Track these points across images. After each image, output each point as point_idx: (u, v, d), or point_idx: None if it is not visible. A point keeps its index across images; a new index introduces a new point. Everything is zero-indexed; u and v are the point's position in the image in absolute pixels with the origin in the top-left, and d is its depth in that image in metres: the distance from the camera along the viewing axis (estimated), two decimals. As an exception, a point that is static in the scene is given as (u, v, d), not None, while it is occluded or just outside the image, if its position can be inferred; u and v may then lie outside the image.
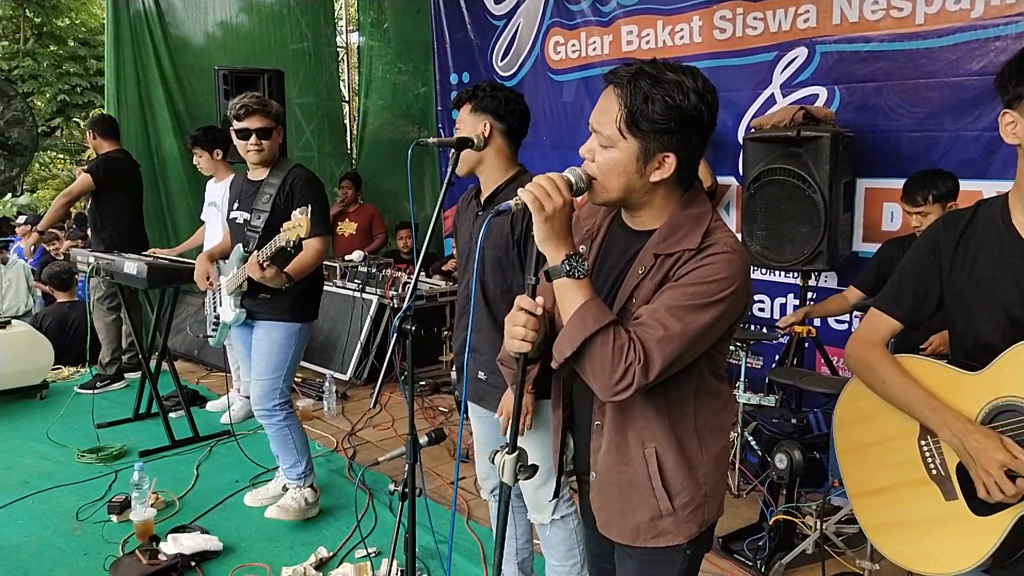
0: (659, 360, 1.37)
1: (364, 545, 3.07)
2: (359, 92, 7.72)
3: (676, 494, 1.53)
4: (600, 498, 1.62)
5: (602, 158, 1.45)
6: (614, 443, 1.55)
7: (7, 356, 4.89)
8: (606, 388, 1.40)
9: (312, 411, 4.79)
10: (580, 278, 1.42)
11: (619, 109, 1.41)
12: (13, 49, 15.04)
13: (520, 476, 1.50)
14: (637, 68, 1.42)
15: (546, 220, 1.40)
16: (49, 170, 15.42)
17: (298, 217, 2.81)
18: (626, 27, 5.39)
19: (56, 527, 3.32)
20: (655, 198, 1.50)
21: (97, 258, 4.33)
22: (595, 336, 1.38)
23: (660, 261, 1.47)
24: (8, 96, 5.44)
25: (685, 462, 1.53)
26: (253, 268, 2.94)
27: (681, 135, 1.42)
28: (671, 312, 1.39)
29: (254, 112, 3.12)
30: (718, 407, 1.58)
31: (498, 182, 2.37)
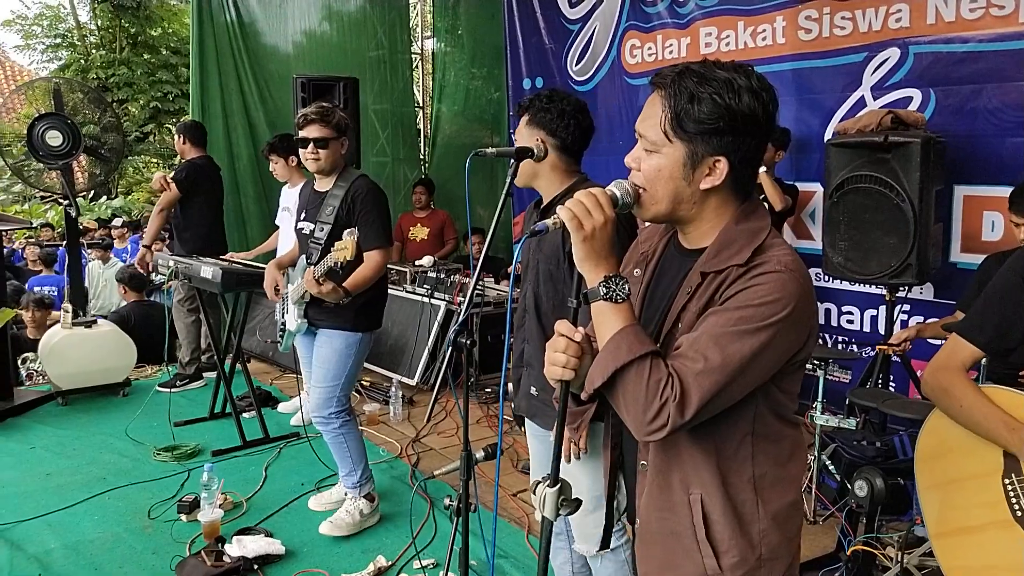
0: (696, 397, 1.21)
1: (419, 557, 3.04)
2: (432, 98, 7.78)
3: (723, 552, 1.33)
4: (642, 547, 1.46)
5: (647, 165, 1.33)
6: (656, 486, 1.39)
7: (93, 354, 5.11)
8: (639, 426, 1.26)
9: (378, 415, 4.82)
10: (619, 302, 1.29)
11: (663, 111, 1.30)
12: (110, 58, 15.88)
13: (562, 511, 1.40)
14: (683, 67, 1.30)
15: (585, 239, 1.29)
16: (142, 174, 16.18)
17: (345, 239, 2.81)
18: (705, 29, 5.23)
19: (128, 524, 3.42)
20: (706, 210, 1.35)
21: (176, 262, 4.47)
22: (628, 367, 1.24)
23: (707, 281, 1.31)
24: (103, 104, 5.69)
25: (735, 515, 1.33)
26: (310, 283, 2.98)
27: (733, 137, 1.28)
28: (712, 340, 1.23)
29: (313, 122, 3.15)
30: (783, 456, 1.37)
31: (555, 192, 2.30)
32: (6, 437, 4.47)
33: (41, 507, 3.55)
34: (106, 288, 7.57)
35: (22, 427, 4.65)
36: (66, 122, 5.06)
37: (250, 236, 6.44)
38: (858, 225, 3.82)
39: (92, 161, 5.61)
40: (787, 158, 4.63)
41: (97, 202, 13.93)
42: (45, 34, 17.48)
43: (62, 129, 5.03)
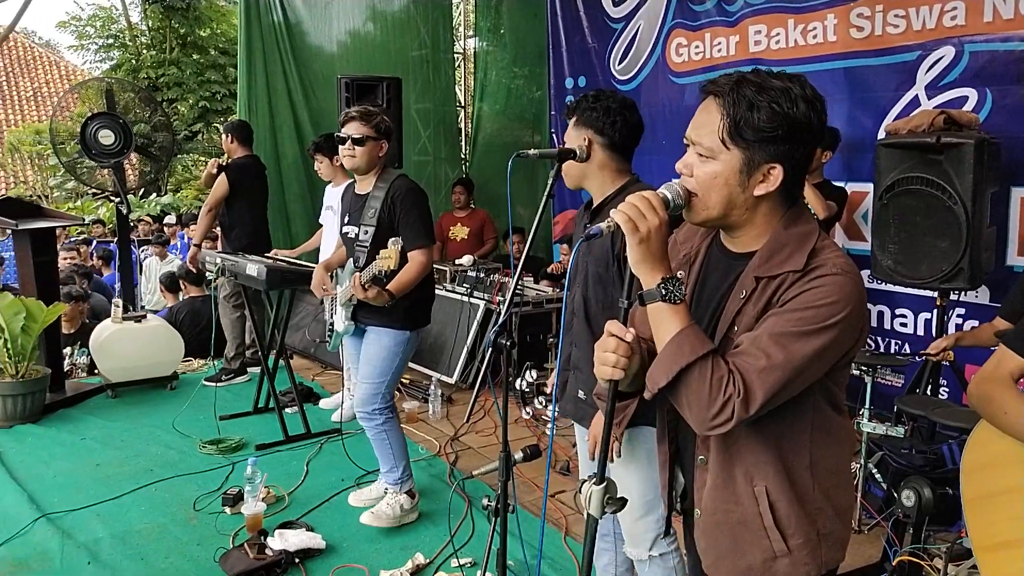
0: (760, 392, 1.27)
1: (457, 556, 3.05)
2: (474, 97, 7.81)
3: (791, 534, 1.41)
4: (707, 537, 1.52)
5: (702, 171, 1.36)
6: (720, 480, 1.45)
7: (142, 348, 5.24)
8: (702, 422, 1.31)
9: (417, 413, 4.85)
10: (677, 303, 1.33)
11: (721, 118, 1.33)
12: (160, 58, 16.27)
13: (608, 509, 1.42)
14: (739, 76, 1.34)
15: (640, 242, 1.33)
16: (191, 172, 16.55)
17: (390, 248, 2.84)
18: (754, 27, 5.16)
19: (174, 515, 3.50)
20: (757, 215, 1.39)
21: (223, 259, 4.56)
22: (692, 366, 1.29)
23: (763, 285, 1.36)
24: (153, 103, 5.84)
25: (798, 500, 1.41)
26: (356, 289, 3.01)
27: (789, 145, 1.32)
28: (774, 340, 1.29)
29: (353, 119, 3.20)
30: (837, 445, 1.45)
31: (605, 194, 2.27)
32: (58, 428, 4.61)
33: (91, 497, 3.65)
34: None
35: (73, 418, 4.79)
36: (118, 121, 5.20)
37: (293, 234, 6.54)
38: (908, 228, 3.72)
39: (143, 159, 5.76)
40: (839, 158, 4.54)
41: (147, 199, 14.28)
42: (98, 35, 18.02)
43: (114, 128, 5.17)
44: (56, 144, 5.64)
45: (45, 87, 20.18)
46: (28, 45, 21.50)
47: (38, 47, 22.05)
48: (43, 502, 3.58)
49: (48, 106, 18.94)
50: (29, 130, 16.64)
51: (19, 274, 5.39)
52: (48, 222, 5.15)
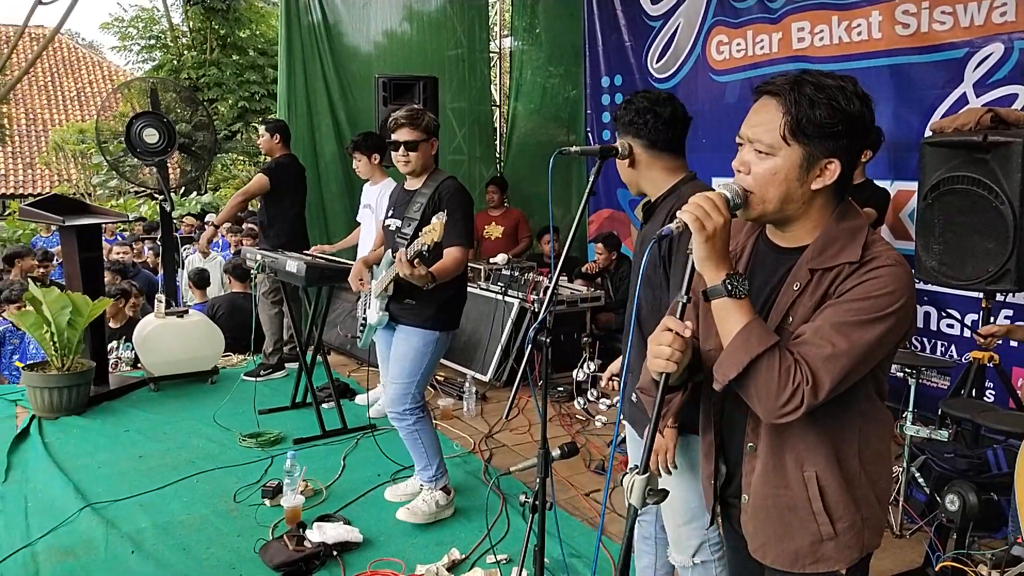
0: (827, 379, 1.34)
1: (494, 552, 3.07)
2: (509, 96, 7.82)
3: (838, 518, 1.48)
4: (754, 522, 1.56)
5: (760, 168, 1.42)
6: (770, 465, 1.50)
7: (184, 343, 5.34)
8: (772, 411, 1.37)
9: (452, 410, 4.88)
10: (741, 298, 1.40)
11: (782, 116, 1.39)
12: (201, 59, 16.55)
13: (649, 500, 1.44)
14: (796, 76, 1.41)
15: (707, 240, 1.39)
16: (230, 171, 16.83)
17: (434, 222, 2.86)
18: (797, 24, 5.10)
19: (215, 507, 3.56)
20: (812, 209, 1.45)
21: (263, 255, 4.63)
22: (760, 357, 1.35)
23: (818, 277, 1.42)
24: (195, 103, 5.94)
25: (846, 485, 1.47)
26: (402, 264, 2.99)
27: (847, 140, 1.40)
28: (837, 329, 1.36)
29: (403, 125, 3.24)
30: (882, 430, 1.53)
31: (659, 192, 2.24)
32: (102, 420, 4.72)
33: (134, 487, 3.74)
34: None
35: (117, 411, 4.90)
36: (162, 120, 5.30)
37: (331, 231, 6.60)
38: (954, 228, 3.65)
39: (184, 158, 5.86)
40: (884, 157, 4.48)
41: (187, 197, 14.54)
42: (140, 36, 18.39)
43: (158, 127, 5.27)
44: (101, 143, 5.77)
45: (88, 87, 20.67)
46: (72, 46, 22.05)
47: (82, 48, 22.60)
48: (88, 492, 3.67)
49: (91, 106, 19.42)
50: (73, 129, 17.04)
51: (65, 269, 5.52)
52: (93, 219, 5.28)
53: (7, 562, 3.05)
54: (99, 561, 3.08)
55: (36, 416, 4.67)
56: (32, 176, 18.20)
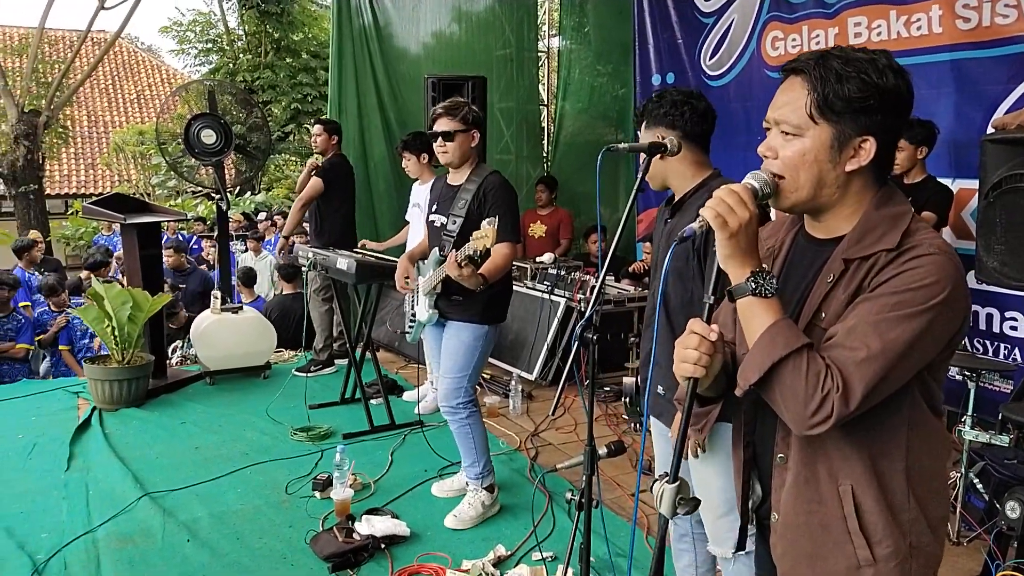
0: (860, 386, 1.20)
1: (540, 549, 3.08)
2: (557, 95, 7.82)
3: (876, 542, 1.31)
4: (784, 542, 1.42)
5: (789, 151, 1.32)
6: (802, 478, 1.37)
7: (238, 338, 5.48)
8: (801, 420, 1.24)
9: (498, 408, 4.90)
10: (768, 296, 1.29)
11: (808, 94, 1.29)
12: (255, 62, 16.93)
13: (680, 510, 1.38)
14: (822, 51, 1.31)
15: (730, 237, 1.29)
16: (282, 171, 17.17)
17: (485, 228, 2.87)
18: (853, 19, 4.99)
19: (268, 498, 3.65)
20: (848, 194, 1.33)
21: (315, 254, 4.72)
22: (785, 360, 1.24)
23: (853, 268, 1.29)
24: (250, 105, 6.09)
25: (888, 505, 1.31)
26: (451, 267, 3.02)
27: (881, 115, 1.28)
28: (870, 328, 1.22)
29: (440, 116, 3.27)
30: (935, 446, 1.35)
31: (687, 188, 2.26)
32: (160, 412, 4.87)
33: (190, 478, 3.85)
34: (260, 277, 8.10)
35: (174, 403, 5.05)
36: (219, 121, 5.45)
37: (380, 230, 6.70)
38: (1016, 228, 3.52)
39: (240, 158, 6.02)
40: (945, 154, 4.35)
41: (242, 197, 14.89)
42: (198, 39, 18.89)
43: (216, 128, 5.42)
44: (160, 144, 5.96)
45: (148, 90, 21.31)
46: (132, 50, 22.75)
47: (141, 52, 23.30)
48: (146, 481, 3.79)
49: (150, 109, 20.00)
50: (133, 131, 17.59)
51: (126, 265, 5.72)
52: (153, 217, 5.45)
53: (70, 547, 3.17)
54: (156, 548, 3.19)
55: (97, 407, 4.84)
56: (93, 176, 18.83)
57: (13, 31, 18.03)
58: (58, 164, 18.01)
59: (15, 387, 5.55)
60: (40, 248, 8.21)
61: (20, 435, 4.46)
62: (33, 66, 13.12)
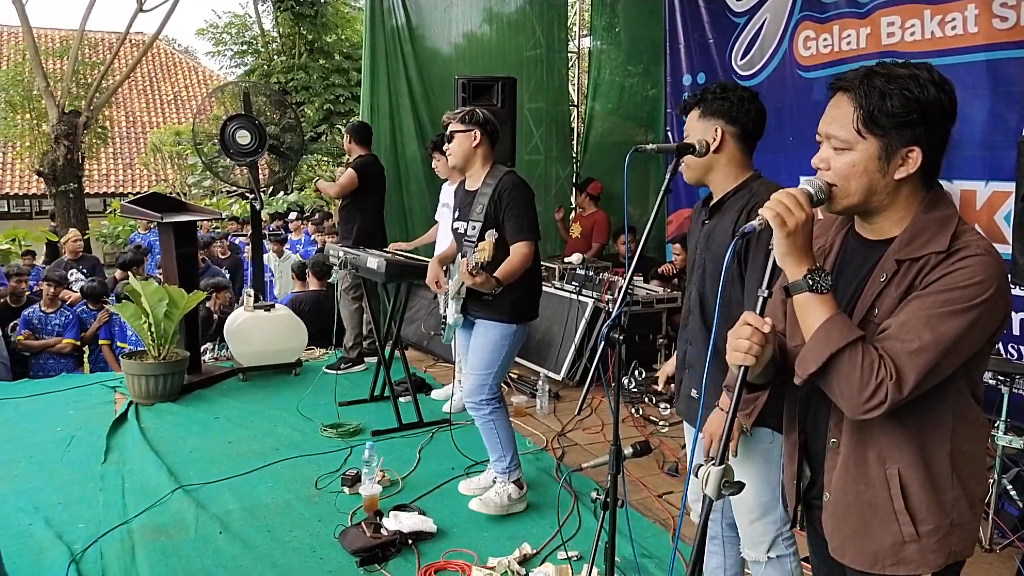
0: (912, 374, 1.32)
1: (565, 548, 3.09)
2: (587, 96, 7.82)
3: (921, 520, 1.43)
4: (833, 520, 1.53)
5: (840, 163, 1.43)
6: (852, 461, 1.48)
7: (270, 336, 5.57)
8: (856, 406, 1.36)
9: (525, 408, 4.92)
10: (823, 292, 1.39)
11: (854, 111, 1.40)
12: (289, 63, 17.14)
13: (724, 492, 1.43)
14: (866, 70, 1.42)
15: (788, 235, 1.39)
16: (315, 171, 17.35)
17: (484, 242, 2.94)
18: (886, 18, 4.93)
19: (298, 492, 3.71)
20: (898, 200, 1.44)
21: (346, 252, 4.78)
22: (842, 351, 1.34)
23: (905, 268, 1.40)
24: (284, 106, 6.18)
25: (932, 486, 1.43)
26: (464, 275, 3.09)
27: (925, 127, 1.38)
28: (922, 322, 1.33)
29: (448, 121, 3.36)
30: (977, 432, 1.48)
31: (728, 188, 2.21)
32: (194, 407, 4.97)
33: (223, 471, 3.92)
34: (281, 278, 8.23)
35: (208, 399, 5.15)
36: (254, 122, 5.54)
37: (410, 229, 6.75)
38: (1054, 230, 3.46)
39: (273, 159, 6.11)
40: (979, 157, 4.29)
41: (275, 197, 15.08)
42: (233, 41, 19.16)
43: (250, 129, 5.51)
44: (197, 144, 6.07)
45: (184, 91, 21.69)
46: (169, 52, 23.17)
47: (178, 54, 23.72)
48: (180, 474, 3.87)
49: (187, 109, 20.36)
50: (170, 131, 17.91)
51: (163, 263, 5.83)
52: (190, 216, 5.56)
53: (106, 537, 3.25)
54: (189, 540, 3.25)
55: (133, 402, 4.95)
56: (131, 176, 19.22)
57: (54, 33, 18.46)
58: (97, 164, 18.39)
59: (54, 381, 5.70)
60: (80, 243, 8.43)
61: (59, 428, 4.58)
62: (73, 68, 13.41)
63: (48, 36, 18.16)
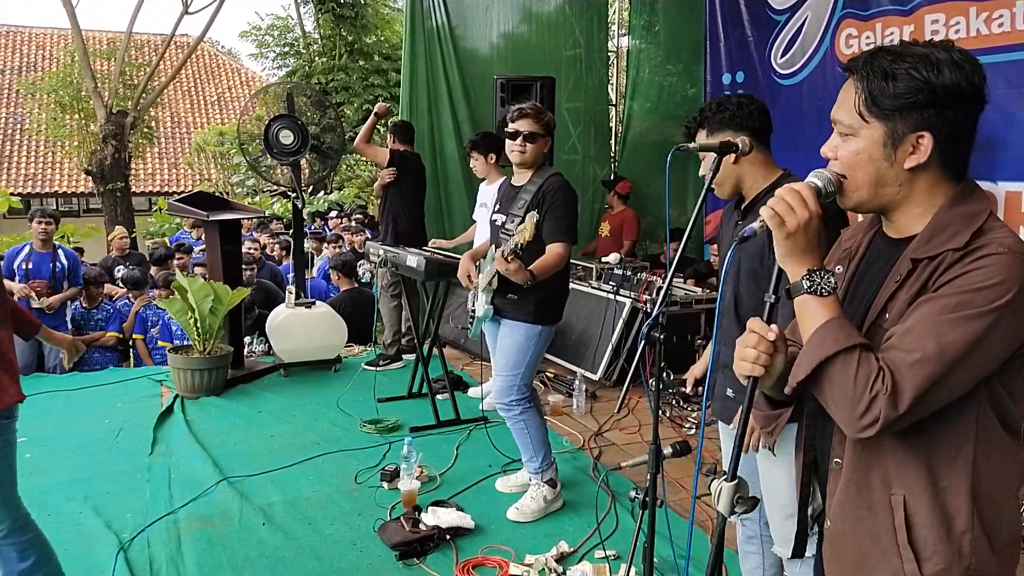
0: (910, 389, 1.16)
1: (603, 547, 3.09)
2: (625, 95, 7.79)
3: (926, 558, 1.24)
4: (831, 547, 1.40)
5: (845, 151, 1.31)
6: (853, 483, 1.33)
7: (311, 332, 5.66)
8: (849, 421, 1.21)
9: (562, 407, 4.93)
10: (824, 295, 1.26)
11: (856, 93, 1.28)
12: (330, 64, 17.36)
13: (737, 509, 1.38)
14: (875, 48, 1.30)
15: (787, 237, 1.28)
16: (353, 171, 17.53)
17: (526, 222, 2.93)
18: (931, 16, 4.83)
19: (338, 486, 3.77)
20: (915, 192, 1.29)
21: (386, 251, 4.84)
22: (834, 359, 1.21)
23: (920, 268, 1.25)
24: (324, 106, 6.27)
25: (943, 521, 1.24)
26: (499, 262, 3.07)
27: (935, 110, 1.23)
28: (926, 330, 1.18)
29: (527, 116, 3.30)
30: (1007, 467, 1.27)
31: (759, 189, 2.25)
32: (237, 401, 5.08)
33: (265, 464, 4.00)
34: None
35: (251, 393, 5.25)
36: (296, 122, 5.63)
37: (449, 227, 6.80)
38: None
39: (314, 158, 6.21)
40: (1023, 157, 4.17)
41: (316, 196, 15.30)
42: (275, 43, 19.45)
43: (293, 129, 5.61)
44: (241, 144, 6.20)
45: (227, 92, 22.08)
46: (213, 53, 23.60)
47: (222, 55, 24.15)
48: (224, 467, 3.96)
49: (230, 110, 20.74)
50: (213, 132, 18.25)
51: (208, 260, 5.96)
52: (234, 214, 5.67)
53: (153, 527, 3.34)
54: (234, 531, 3.33)
55: (179, 395, 5.07)
56: (176, 175, 19.63)
57: (102, 35, 18.94)
58: (143, 163, 18.82)
59: (103, 374, 5.87)
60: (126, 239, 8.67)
61: (107, 420, 4.71)
62: (121, 69, 13.74)
63: (96, 38, 18.65)
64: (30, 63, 20.08)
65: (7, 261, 5.99)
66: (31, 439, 4.36)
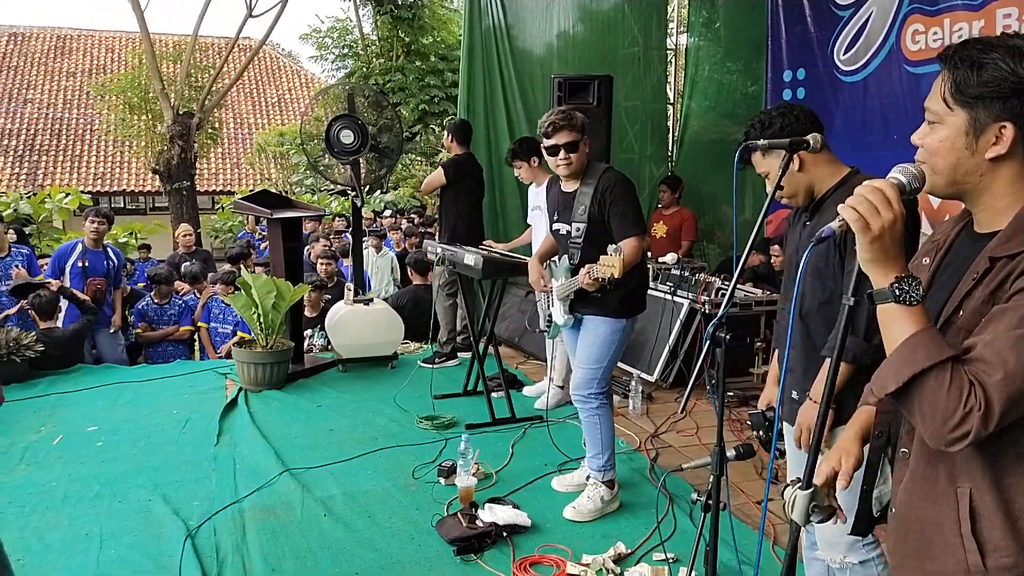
0: (998, 406, 1.14)
1: (663, 549, 3.06)
2: (683, 94, 7.70)
3: (991, 550, 1.24)
4: (896, 535, 1.40)
5: (930, 139, 1.31)
6: (919, 474, 1.33)
7: (368, 329, 5.75)
8: (938, 435, 1.19)
9: (618, 408, 4.89)
10: (912, 304, 1.22)
11: (944, 81, 1.29)
12: (387, 66, 17.59)
13: (813, 518, 1.35)
14: (969, 38, 1.31)
15: (872, 241, 1.23)
16: (409, 171, 17.76)
17: (612, 258, 2.92)
18: (1003, 10, 4.65)
19: (396, 481, 3.82)
20: (996, 184, 1.28)
21: (444, 249, 4.88)
22: (927, 373, 1.17)
23: (997, 267, 1.22)
24: (382, 106, 6.36)
25: (1007, 515, 1.23)
26: (586, 283, 3.13)
27: (1019, 100, 1.23)
28: (1010, 343, 1.14)
29: (561, 128, 3.24)
30: None
31: (827, 187, 2.20)
32: (298, 395, 5.18)
33: (325, 457, 4.07)
34: (378, 273, 8.45)
35: (311, 388, 5.36)
36: (356, 122, 5.72)
37: (504, 228, 6.83)
38: None
39: (372, 157, 6.30)
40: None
41: (372, 195, 15.53)
42: (335, 45, 19.81)
43: (353, 128, 5.70)
44: (302, 144, 6.32)
45: (288, 94, 22.57)
46: (274, 56, 24.15)
47: (282, 58, 24.70)
48: (286, 458, 4.05)
49: (290, 112, 21.19)
50: (274, 132, 18.68)
51: (271, 257, 6.11)
52: (296, 212, 5.80)
53: (219, 515, 3.43)
54: (296, 521, 3.40)
55: (243, 388, 5.21)
56: (238, 175, 20.14)
57: (169, 39, 19.55)
58: (207, 163, 19.36)
59: (170, 367, 6.07)
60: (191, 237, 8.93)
61: (175, 411, 4.87)
62: (187, 71, 14.17)
63: (163, 41, 19.23)
64: (100, 66, 20.86)
65: (59, 259, 6.16)
66: (102, 428, 4.54)
